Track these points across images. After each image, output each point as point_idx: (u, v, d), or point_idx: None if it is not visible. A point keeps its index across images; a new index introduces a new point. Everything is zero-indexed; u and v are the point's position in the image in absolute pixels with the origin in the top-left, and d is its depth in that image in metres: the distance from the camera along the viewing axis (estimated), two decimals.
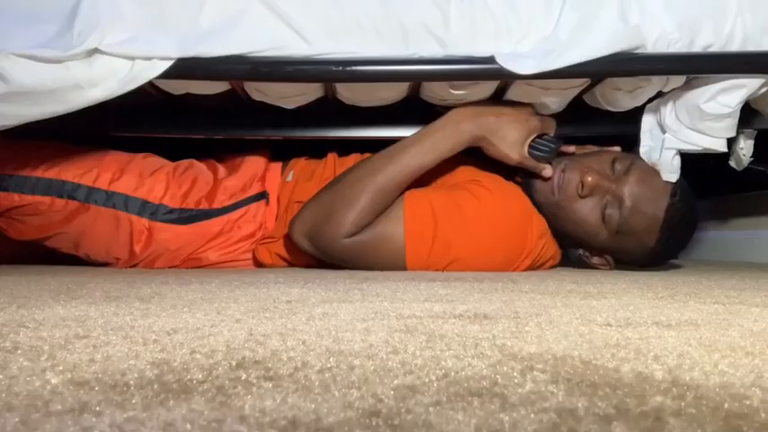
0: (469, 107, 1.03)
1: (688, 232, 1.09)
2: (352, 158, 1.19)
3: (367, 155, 1.19)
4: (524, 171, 1.09)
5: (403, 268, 1.02)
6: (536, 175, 1.08)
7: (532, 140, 1.05)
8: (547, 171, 1.06)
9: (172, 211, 1.11)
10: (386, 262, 1.02)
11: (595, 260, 1.13)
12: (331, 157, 1.20)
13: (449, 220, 1.01)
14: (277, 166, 1.21)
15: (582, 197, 1.04)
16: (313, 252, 1.03)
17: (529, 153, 1.04)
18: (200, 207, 1.12)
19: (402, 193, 1.03)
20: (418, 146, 1.01)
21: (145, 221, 1.10)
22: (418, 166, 1.01)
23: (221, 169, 1.20)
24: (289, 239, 1.06)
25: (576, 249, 1.14)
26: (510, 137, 1.02)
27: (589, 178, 1.02)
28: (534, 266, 1.09)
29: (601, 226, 1.04)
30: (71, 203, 1.08)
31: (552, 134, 1.08)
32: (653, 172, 1.04)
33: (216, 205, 1.13)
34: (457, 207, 1.02)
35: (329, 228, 0.99)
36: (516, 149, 1.03)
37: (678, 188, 1.03)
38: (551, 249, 1.11)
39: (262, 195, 1.16)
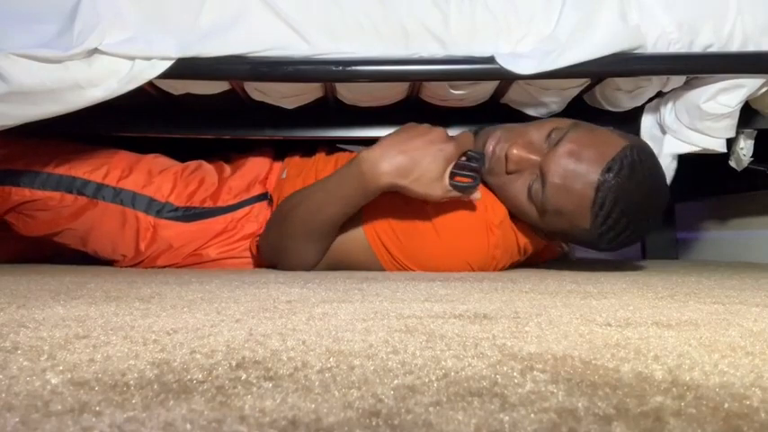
0: (374, 149, 0.90)
1: (635, 213, 0.91)
2: (339, 157, 1.17)
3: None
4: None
5: (378, 262, 1.03)
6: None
7: (453, 168, 0.92)
8: (476, 195, 0.95)
9: (177, 209, 1.12)
10: (360, 261, 1.03)
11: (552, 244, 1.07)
12: (319, 154, 1.19)
13: (405, 232, 0.99)
14: (280, 166, 1.22)
15: (509, 173, 0.95)
16: None
17: (451, 184, 0.91)
18: (205, 205, 1.13)
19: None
20: (333, 196, 0.94)
21: (151, 219, 1.10)
22: (344, 214, 0.95)
23: (227, 169, 1.20)
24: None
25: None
26: (425, 176, 0.89)
27: (514, 151, 0.93)
28: (512, 254, 1.04)
29: (530, 205, 0.95)
30: (80, 199, 1.08)
31: (472, 148, 0.96)
32: (589, 143, 0.90)
33: (220, 203, 1.14)
34: (412, 221, 0.99)
35: (285, 266, 1.03)
36: (436, 186, 0.90)
37: (616, 163, 0.88)
38: (515, 236, 1.03)
39: (265, 196, 1.16)
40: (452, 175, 0.92)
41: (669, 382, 0.31)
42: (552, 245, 1.07)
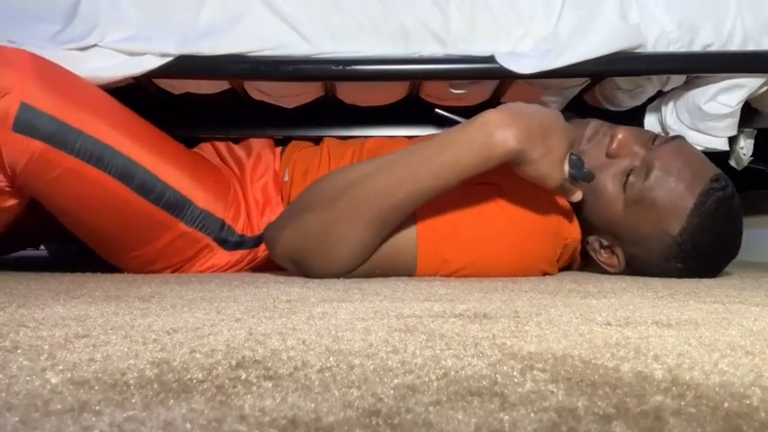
0: (503, 110, 0.78)
1: (721, 239, 0.88)
2: (355, 145, 1.06)
3: (368, 141, 1.06)
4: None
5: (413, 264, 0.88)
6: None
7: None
8: (577, 195, 0.86)
9: (235, 235, 0.98)
10: (392, 273, 0.88)
11: (604, 255, 0.95)
12: (325, 147, 1.05)
13: (468, 229, 0.86)
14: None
15: (609, 155, 0.89)
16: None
17: (569, 173, 0.82)
18: (245, 233, 0.99)
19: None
20: (435, 162, 0.77)
21: (209, 241, 0.95)
22: (435, 190, 0.79)
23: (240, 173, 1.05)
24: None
25: (589, 235, 0.95)
26: (553, 154, 0.78)
27: (620, 135, 0.88)
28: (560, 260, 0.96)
29: (619, 194, 0.88)
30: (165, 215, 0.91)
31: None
32: (695, 153, 0.90)
33: (257, 232, 0.99)
34: (478, 213, 0.87)
35: (320, 263, 0.82)
36: (559, 170, 0.80)
37: (723, 180, 0.87)
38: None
39: None
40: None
41: (669, 381, 0.31)
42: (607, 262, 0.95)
